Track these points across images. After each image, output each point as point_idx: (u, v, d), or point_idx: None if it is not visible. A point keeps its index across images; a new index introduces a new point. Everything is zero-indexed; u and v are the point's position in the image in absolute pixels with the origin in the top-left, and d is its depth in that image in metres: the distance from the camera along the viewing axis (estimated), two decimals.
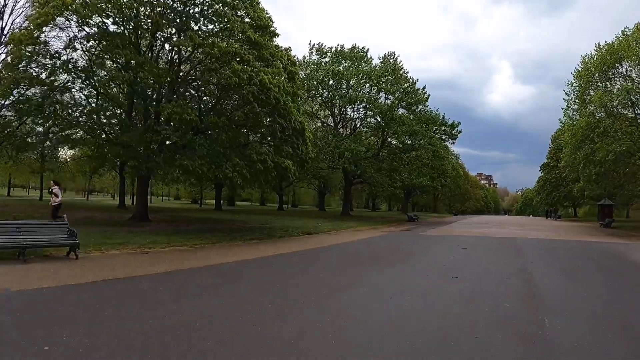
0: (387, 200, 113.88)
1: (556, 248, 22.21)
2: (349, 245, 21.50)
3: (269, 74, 22.88)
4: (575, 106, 44.75)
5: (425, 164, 54.48)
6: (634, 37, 39.64)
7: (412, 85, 50.80)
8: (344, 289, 10.14)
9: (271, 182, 26.68)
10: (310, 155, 27.94)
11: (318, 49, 52.07)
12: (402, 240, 24.92)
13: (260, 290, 9.75)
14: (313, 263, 14.51)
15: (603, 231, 39.25)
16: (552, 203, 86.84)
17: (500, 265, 14.83)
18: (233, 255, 15.79)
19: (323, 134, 49.88)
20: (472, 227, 42.20)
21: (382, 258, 16.03)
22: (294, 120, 24.75)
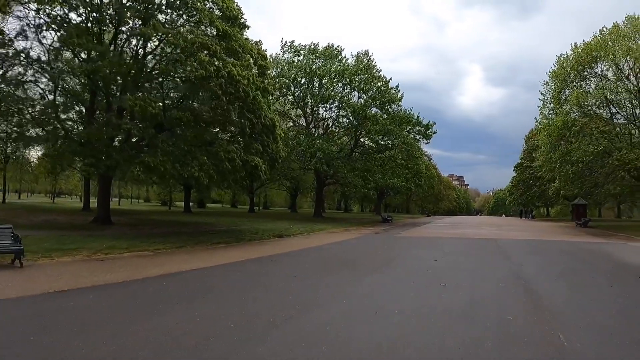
0: (359, 202, 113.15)
1: (541, 249, 21.35)
2: (322, 248, 20.03)
3: (238, 66, 21.56)
4: (550, 105, 44.49)
5: (400, 164, 53.61)
6: (610, 37, 39.64)
7: (386, 84, 49.89)
8: (319, 303, 8.77)
9: (240, 182, 25.15)
10: (282, 154, 26.71)
11: (291, 47, 50.78)
12: (378, 243, 23.71)
13: (221, 305, 8.28)
14: (284, 270, 13.04)
15: (581, 230, 39.16)
16: (525, 203, 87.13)
17: (490, 270, 13.75)
18: (196, 261, 14.35)
19: (294, 134, 48.65)
20: (448, 228, 41.28)
21: (360, 264, 14.70)
22: (264, 117, 23.45)
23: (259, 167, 22.73)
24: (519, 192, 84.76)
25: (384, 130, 46.82)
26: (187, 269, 12.71)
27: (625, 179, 44.49)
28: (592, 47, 41.28)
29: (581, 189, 46.32)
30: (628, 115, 41.62)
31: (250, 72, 23.28)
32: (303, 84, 48.34)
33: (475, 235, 31.10)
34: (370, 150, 52.59)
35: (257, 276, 11.87)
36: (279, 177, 57.72)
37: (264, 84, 26.15)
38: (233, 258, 15.44)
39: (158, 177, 22.36)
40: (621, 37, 39.85)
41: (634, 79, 39.89)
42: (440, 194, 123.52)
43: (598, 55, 40.83)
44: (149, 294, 9.22)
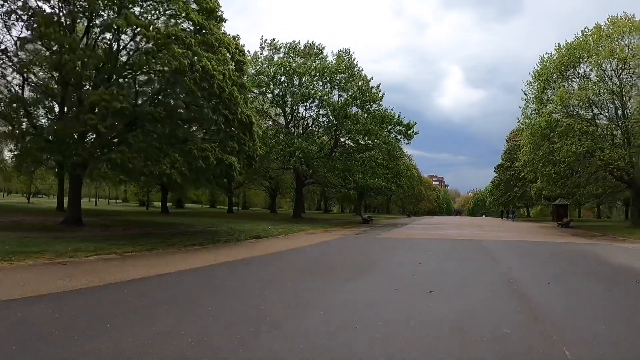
0: (339, 202, 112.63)
1: (528, 251, 20.76)
2: (300, 251, 19.14)
3: (214, 60, 20.64)
4: (533, 106, 44.35)
5: (380, 164, 52.98)
6: (593, 38, 39.90)
7: (367, 83, 49.22)
8: (294, 314, 7.79)
9: (214, 181, 24.14)
10: (259, 152, 25.75)
11: (270, 44, 49.80)
12: (359, 245, 22.87)
13: (184, 319, 7.29)
14: (258, 275, 12.10)
15: (564, 231, 39.11)
16: (505, 203, 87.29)
17: (478, 274, 12.98)
18: (165, 265, 13.35)
19: (273, 133, 47.75)
20: (429, 228, 40.70)
21: (339, 268, 13.80)
22: (241, 113, 22.47)
23: (233, 166, 21.79)
24: (500, 193, 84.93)
25: (365, 129, 46.07)
26: (153, 274, 11.75)
27: (607, 180, 44.56)
28: (574, 48, 41.29)
29: (563, 189, 46.16)
30: (610, 116, 41.58)
31: (226, 67, 22.34)
32: (283, 82, 47.39)
33: (458, 236, 30.49)
34: (350, 150, 51.90)
35: (227, 283, 10.88)
36: (258, 176, 56.96)
37: (241, 79, 25.31)
38: (205, 262, 14.47)
39: (126, 175, 21.21)
40: (603, 38, 39.90)
41: (617, 79, 39.81)
42: (420, 195, 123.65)
43: (581, 56, 40.88)
44: (104, 305, 8.21)
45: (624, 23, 40.11)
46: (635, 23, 39.90)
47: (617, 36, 39.84)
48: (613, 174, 40.42)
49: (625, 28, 39.76)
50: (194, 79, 19.60)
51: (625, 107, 40.60)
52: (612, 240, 28.74)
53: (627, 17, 40.41)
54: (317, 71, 46.79)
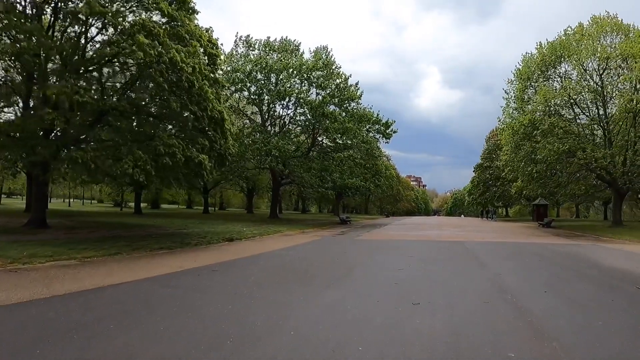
0: (317, 202, 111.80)
1: (514, 253, 19.85)
2: (275, 255, 17.89)
3: (183, 52, 19.46)
4: (514, 104, 44.01)
5: (359, 163, 52.00)
6: (575, 37, 39.87)
7: (345, 81, 48.15)
8: (259, 335, 6.60)
9: (183, 180, 22.85)
10: (231, 150, 24.58)
11: (246, 41, 48.64)
12: (336, 248, 21.61)
13: (129, 341, 6.11)
14: (224, 284, 10.90)
15: (546, 231, 38.70)
16: (484, 203, 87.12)
17: (466, 280, 11.93)
18: (125, 272, 12.18)
19: (249, 131, 46.57)
20: (409, 229, 39.72)
21: (315, 274, 12.68)
22: (212, 109, 21.27)
23: (203, 164, 20.53)
24: (479, 192, 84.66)
25: (343, 128, 44.98)
26: (108, 283, 10.59)
27: (588, 179, 44.67)
28: (556, 47, 41.11)
29: (545, 188, 45.81)
30: (592, 115, 41.42)
31: (197, 60, 21.13)
32: (259, 79, 46.16)
33: (439, 237, 29.52)
34: (328, 150, 50.91)
35: (189, 294, 9.65)
36: (233, 176, 55.84)
37: (214, 74, 24.23)
38: (169, 268, 13.29)
39: (89, 175, 19.88)
40: (585, 37, 39.85)
41: (598, 78, 39.53)
42: (399, 195, 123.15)
43: (563, 55, 40.71)
44: (43, 323, 7.03)
45: (606, 22, 40.16)
46: (618, 23, 39.98)
47: (600, 35, 39.84)
48: (596, 172, 40.35)
49: (608, 27, 39.83)
50: (160, 71, 18.42)
51: (606, 107, 40.54)
52: (596, 240, 28.36)
53: (610, 16, 40.50)
54: (295, 68, 45.62)
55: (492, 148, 79.71)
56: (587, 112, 41.57)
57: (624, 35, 39.31)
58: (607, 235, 31.87)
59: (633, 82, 37.30)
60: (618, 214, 42.52)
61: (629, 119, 37.69)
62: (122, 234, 23.74)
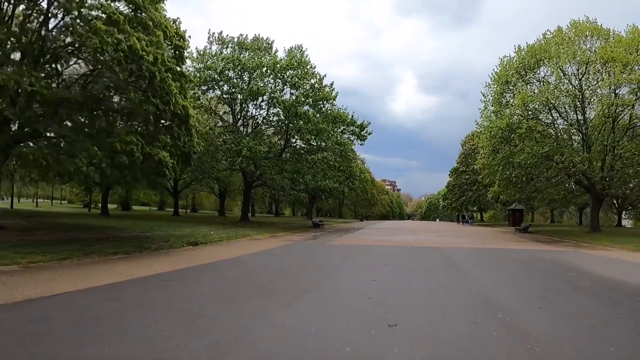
0: (291, 205, 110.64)
1: (496, 260, 18.77)
2: (237, 262, 16.47)
3: (144, 41, 18.06)
4: (492, 107, 43.16)
5: (332, 166, 50.68)
6: (554, 41, 39.56)
7: (320, 81, 46.84)
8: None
9: (141, 180, 21.26)
10: (197, 148, 23.16)
11: (218, 39, 47.10)
12: (306, 254, 20.24)
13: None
14: (171, 299, 9.40)
15: (524, 237, 38.12)
16: (459, 208, 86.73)
17: (449, 294, 10.61)
18: (67, 281, 10.78)
19: (220, 131, 45.09)
20: (383, 234, 38.54)
21: (278, 285, 11.25)
22: (175, 104, 19.81)
23: (164, 162, 19.05)
24: (455, 197, 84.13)
25: (316, 129, 43.69)
26: (44, 294, 9.26)
27: (565, 184, 44.40)
28: (535, 50, 40.57)
29: (522, 193, 45.14)
30: (570, 120, 40.89)
31: (160, 50, 19.71)
32: (231, 77, 44.72)
33: (415, 242, 28.42)
34: (301, 152, 49.58)
35: (129, 310, 8.19)
36: (203, 177, 54.37)
37: (180, 68, 22.88)
38: (119, 276, 11.93)
39: (38, 173, 18.34)
40: (565, 41, 39.43)
41: (577, 83, 39.13)
42: (373, 199, 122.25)
43: (542, 58, 40.22)
44: None
45: (586, 27, 39.85)
46: (597, 27, 39.68)
47: (579, 40, 39.53)
48: (575, 177, 40.00)
49: (588, 32, 39.54)
50: (117, 59, 16.99)
51: (585, 112, 40.04)
52: (577, 246, 27.72)
53: (589, 20, 40.31)
54: (268, 67, 44.26)
55: (468, 152, 79.39)
56: (565, 116, 41.05)
57: (604, 39, 38.99)
58: (586, 241, 31.29)
59: (612, 86, 37.00)
60: (596, 219, 42.13)
61: (608, 123, 37.28)
62: (80, 236, 22.24)
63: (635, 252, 24.14)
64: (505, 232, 48.08)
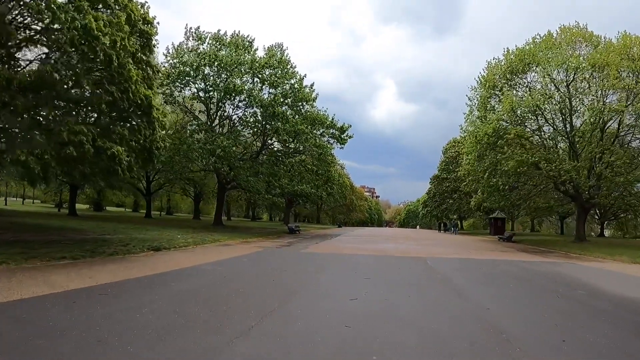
0: (268, 210, 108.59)
1: (490, 274, 16.94)
2: (197, 272, 14.35)
3: (102, 20, 16.03)
4: (477, 112, 41.69)
5: (310, 169, 48.70)
6: (545, 45, 38.46)
7: (300, 81, 44.95)
8: None
9: (91, 176, 18.95)
10: (160, 143, 21.02)
11: (195, 34, 44.85)
12: (277, 264, 18.21)
13: None
14: (95, 322, 7.29)
15: (509, 246, 36.75)
16: (440, 216, 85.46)
17: (446, 322, 8.45)
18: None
19: (194, 129, 42.97)
20: (362, 242, 36.48)
21: (235, 306, 9.18)
22: (135, 92, 17.73)
23: (117, 157, 16.90)
24: (435, 204, 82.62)
25: (294, 130, 41.77)
26: None
27: (550, 193, 43.94)
28: (525, 54, 39.28)
29: (507, 201, 43.64)
30: (557, 127, 39.50)
31: (122, 34, 17.59)
32: (207, 74, 42.62)
33: (397, 251, 26.48)
34: (278, 154, 47.57)
35: (30, 340, 6.13)
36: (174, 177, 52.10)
37: (146, 56, 20.85)
38: (50, 288, 10.02)
39: None
40: (555, 47, 38.30)
41: (566, 89, 37.75)
42: (352, 205, 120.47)
43: (530, 62, 39.00)
44: None
45: (576, 33, 38.86)
46: (588, 34, 38.80)
47: (569, 45, 38.51)
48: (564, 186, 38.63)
49: (580, 38, 38.61)
50: (71, 39, 14.96)
51: (572, 120, 38.96)
52: (567, 257, 26.39)
53: (579, 27, 39.35)
54: (247, 64, 42.23)
55: (449, 160, 78.08)
56: (551, 123, 39.74)
57: (594, 46, 37.97)
58: (575, 251, 30.12)
59: (602, 93, 36.02)
60: (582, 229, 41.10)
61: (597, 131, 36.33)
62: (31, 238, 20.13)
63: (632, 264, 22.91)
64: (489, 241, 46.60)
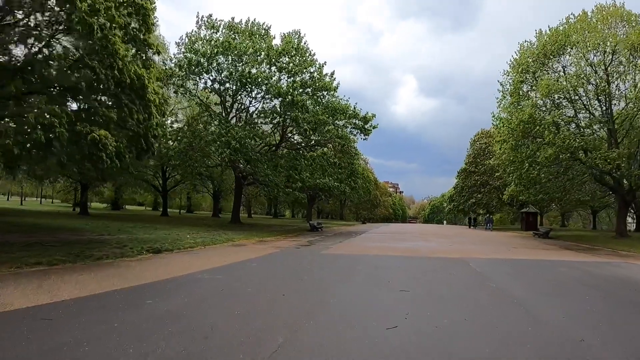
0: (290, 207, 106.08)
1: (554, 281, 13.46)
2: (189, 282, 11.46)
3: None
4: (510, 98, 38.80)
5: (332, 163, 45.79)
6: (580, 26, 35.65)
7: (319, 69, 42.18)
8: None
9: (70, 167, 16.16)
10: (158, 131, 18.20)
11: (207, 22, 42.23)
12: (292, 270, 15.00)
13: None
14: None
15: (549, 243, 33.34)
16: (466, 211, 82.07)
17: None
18: None
19: (205, 119, 40.37)
20: (390, 239, 33.60)
21: (219, 346, 6.25)
22: (122, 69, 15.05)
23: (100, 143, 14.03)
24: (464, 199, 78.93)
25: (315, 120, 39.10)
26: None
27: (586, 185, 41.30)
28: (559, 34, 36.12)
29: (546, 194, 40.33)
30: (595, 112, 36.18)
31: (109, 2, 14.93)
32: (221, 63, 39.97)
33: (430, 251, 23.25)
34: (298, 147, 45.26)
35: None
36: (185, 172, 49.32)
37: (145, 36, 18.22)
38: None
39: None
40: (591, 27, 35.06)
41: (603, 72, 34.58)
42: (376, 200, 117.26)
43: (565, 44, 35.76)
44: None
45: (612, 12, 35.61)
46: (627, 12, 35.49)
47: (605, 26, 35.15)
48: (608, 176, 35.36)
49: (615, 17, 35.37)
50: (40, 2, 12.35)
51: (611, 104, 35.58)
52: (618, 256, 23.39)
53: (615, 5, 36.03)
54: (262, 50, 39.62)
55: (477, 152, 74.64)
56: (589, 108, 36.45)
57: (631, 26, 34.64)
58: (622, 248, 27.08)
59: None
60: (623, 223, 38.06)
61: None
62: (15, 239, 18.05)
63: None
64: (524, 237, 42.90)
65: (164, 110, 19.73)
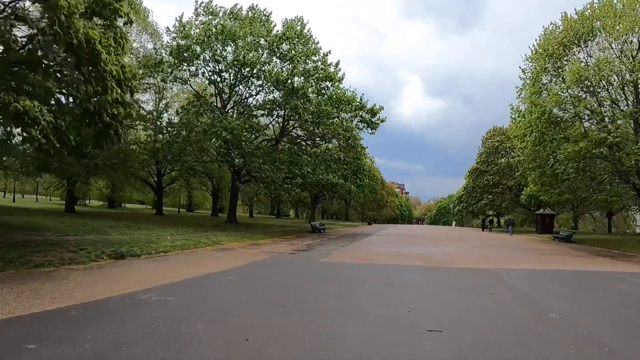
0: (294, 207, 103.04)
1: (622, 305, 9.87)
2: (125, 308, 8.09)
3: None
4: (532, 88, 35.72)
5: (337, 159, 42.43)
6: (602, 12, 32.43)
7: (324, 58, 39.04)
8: None
9: None
10: (119, 110, 14.78)
11: (206, 8, 39.12)
12: (276, 287, 11.00)
13: None
14: None
15: (574, 248, 30.62)
16: (476, 212, 78.82)
17: None
18: None
19: (196, 109, 37.05)
20: (399, 242, 30.35)
21: None
22: (64, 27, 11.61)
23: (29, 114, 10.41)
24: (474, 200, 75.39)
25: (317, 110, 35.95)
26: None
27: (607, 184, 37.38)
28: (585, 18, 32.96)
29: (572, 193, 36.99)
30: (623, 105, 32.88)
31: None
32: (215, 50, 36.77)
33: (450, 259, 19.73)
34: (299, 140, 42.44)
35: None
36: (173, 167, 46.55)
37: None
38: None
39: None
40: (615, 14, 31.64)
41: (631, 60, 30.74)
42: (382, 200, 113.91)
43: (592, 29, 32.54)
44: None
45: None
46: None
47: (632, 11, 31.28)
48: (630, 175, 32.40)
49: None
50: None
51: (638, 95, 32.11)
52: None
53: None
54: (261, 36, 36.66)
55: (489, 150, 71.30)
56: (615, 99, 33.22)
57: None
58: None
59: None
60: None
61: None
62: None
63: None
64: (544, 241, 39.43)
65: (131, 86, 16.25)
